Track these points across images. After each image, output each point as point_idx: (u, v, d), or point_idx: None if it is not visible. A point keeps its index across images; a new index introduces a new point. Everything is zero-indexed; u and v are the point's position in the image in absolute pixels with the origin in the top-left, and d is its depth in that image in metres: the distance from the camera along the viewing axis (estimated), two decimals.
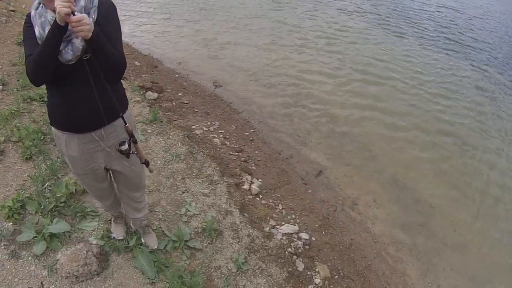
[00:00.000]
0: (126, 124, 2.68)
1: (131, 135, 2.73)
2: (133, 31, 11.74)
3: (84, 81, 2.47)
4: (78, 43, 2.33)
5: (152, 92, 7.39)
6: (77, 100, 2.54)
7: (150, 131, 5.97)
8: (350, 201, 6.06)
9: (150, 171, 3.08)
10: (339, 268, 4.69)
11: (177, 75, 8.92)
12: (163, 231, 4.26)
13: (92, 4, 2.38)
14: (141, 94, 7.12)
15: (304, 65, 10.22)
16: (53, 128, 2.78)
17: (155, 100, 7.18)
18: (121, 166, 3.04)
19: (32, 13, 2.34)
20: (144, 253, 3.87)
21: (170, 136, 5.93)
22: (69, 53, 2.32)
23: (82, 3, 2.33)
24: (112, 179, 3.37)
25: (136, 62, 8.90)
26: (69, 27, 2.19)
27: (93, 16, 2.38)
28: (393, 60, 11.24)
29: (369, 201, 6.14)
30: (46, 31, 2.24)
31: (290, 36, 12.14)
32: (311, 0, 16.06)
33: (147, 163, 2.92)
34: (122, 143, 2.71)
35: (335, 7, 15.37)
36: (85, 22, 2.18)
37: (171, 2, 15.10)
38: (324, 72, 9.96)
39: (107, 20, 2.44)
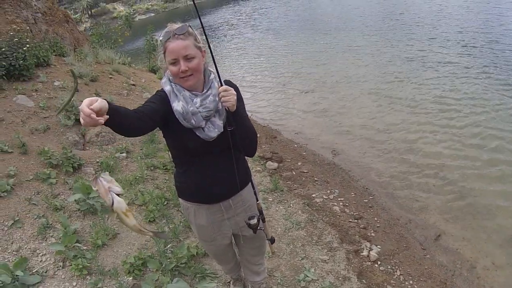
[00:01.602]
0: (258, 201, 2.96)
1: (261, 212, 2.95)
2: (251, 104, 12.33)
3: (221, 154, 2.72)
4: (219, 121, 2.61)
5: (272, 162, 7.70)
6: (213, 173, 2.76)
7: (271, 199, 6.23)
8: (468, 265, 5.87)
9: (272, 252, 3.32)
10: None
11: (295, 145, 9.24)
12: None
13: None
14: (261, 164, 7.46)
15: (420, 128, 10.10)
16: (180, 200, 3.05)
17: (275, 169, 7.48)
18: (249, 232, 3.07)
19: (168, 88, 2.56)
20: None
21: (291, 205, 6.15)
22: (213, 131, 2.58)
23: (216, 85, 2.63)
24: (234, 243, 3.55)
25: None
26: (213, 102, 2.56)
27: None
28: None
29: (488, 264, 5.89)
30: (190, 107, 2.49)
31: (401, 97, 12.11)
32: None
33: (272, 240, 3.12)
34: (252, 218, 2.85)
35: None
36: (232, 92, 2.49)
37: (285, 74, 15.73)
38: (442, 134, 9.79)
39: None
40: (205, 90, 2.60)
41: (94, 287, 4.24)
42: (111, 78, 11.39)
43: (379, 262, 5.44)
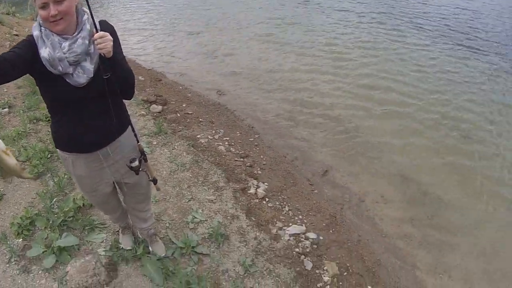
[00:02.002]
0: (138, 142, 2.83)
1: (142, 153, 2.84)
2: (135, 47, 11.87)
3: (95, 101, 2.52)
4: (89, 66, 2.38)
5: (156, 105, 7.46)
6: (88, 121, 2.58)
7: (155, 143, 6.04)
8: (356, 199, 6.08)
9: (157, 189, 3.16)
10: (348, 265, 4.70)
11: (180, 87, 9.01)
12: (170, 239, 4.30)
13: (96, 29, 2.39)
14: (145, 108, 7.20)
15: (305, 68, 10.26)
16: (58, 151, 2.81)
17: (159, 112, 7.26)
18: (131, 179, 3.06)
19: (36, 33, 2.32)
20: (152, 261, 3.91)
21: (175, 147, 6.00)
22: (82, 76, 2.36)
23: (87, 27, 2.38)
24: (119, 192, 3.42)
25: (140, 77, 8.99)
26: (86, 47, 2.34)
27: None
28: (393, 56, 11.24)
29: (376, 198, 6.15)
30: (57, 53, 2.27)
31: (291, 41, 12.18)
32: (314, 7, 16.08)
33: (155, 181, 3.02)
34: (133, 160, 2.78)
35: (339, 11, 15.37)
36: (108, 38, 2.27)
37: (169, 15, 15.26)
38: (327, 72, 9.99)
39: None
40: (76, 33, 2.36)
41: None
42: None
43: (267, 199, 5.46)
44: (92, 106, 2.54)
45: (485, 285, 5.06)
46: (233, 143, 6.70)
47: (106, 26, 2.47)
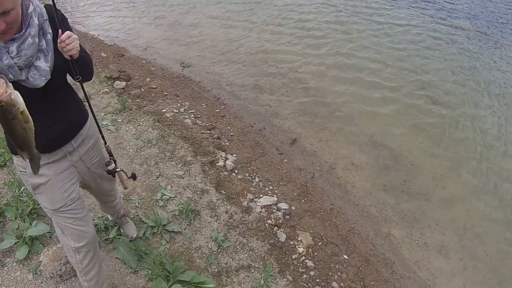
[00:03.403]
0: (106, 144, 2.79)
1: (110, 154, 2.80)
2: (97, 23, 11.52)
3: (55, 96, 2.34)
4: (44, 65, 2.13)
5: (120, 81, 7.26)
6: (49, 118, 2.36)
7: (120, 120, 5.88)
8: (327, 166, 6.03)
9: (125, 187, 3.07)
10: (322, 234, 4.66)
11: (144, 61, 8.77)
12: (140, 219, 4.21)
13: (44, 18, 2.14)
14: (109, 85, 7.00)
15: (269, 37, 10.10)
16: (15, 158, 2.49)
17: (123, 89, 7.06)
18: (100, 176, 2.95)
19: None
20: (124, 243, 3.83)
21: (141, 123, 5.85)
22: (39, 78, 2.11)
23: (36, 21, 2.07)
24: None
25: (102, 54, 8.73)
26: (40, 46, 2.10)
27: (49, 31, 2.16)
28: (360, 21, 11.15)
29: (347, 165, 6.11)
30: (5, 60, 1.96)
31: (254, 12, 11.97)
32: None
33: (134, 177, 3.04)
34: (109, 163, 2.75)
35: None
36: (74, 37, 2.10)
37: None
38: (291, 42, 9.85)
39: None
40: (23, 30, 2.03)
41: None
42: None
43: (236, 171, 5.37)
44: (51, 102, 2.34)
45: (460, 249, 5.10)
46: (199, 116, 6.55)
47: (53, 12, 2.18)
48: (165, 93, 7.11)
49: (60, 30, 2.08)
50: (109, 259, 3.78)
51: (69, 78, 2.39)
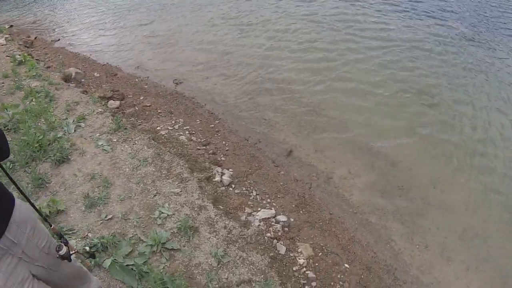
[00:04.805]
0: (51, 225, 2.49)
1: (61, 235, 2.48)
2: (89, 43, 11.56)
3: None
4: None
5: (113, 100, 7.27)
6: None
7: (115, 140, 5.87)
8: (324, 176, 6.03)
9: (87, 266, 2.90)
10: (322, 244, 4.66)
11: (137, 79, 8.80)
12: (139, 238, 4.19)
13: None
14: (102, 105, 6.99)
15: (261, 50, 10.13)
16: None
17: (117, 108, 7.07)
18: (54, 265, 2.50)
19: None
20: (121, 265, 3.81)
21: (136, 142, 5.84)
22: None
23: None
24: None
25: (95, 73, 8.77)
26: None
27: None
28: (353, 32, 11.17)
29: (344, 173, 6.11)
30: None
31: (243, 22, 12.02)
32: None
33: (92, 255, 2.86)
34: (59, 248, 2.37)
35: None
36: None
37: (119, 7, 14.88)
38: (284, 55, 9.88)
39: None
40: None
41: None
42: None
43: (233, 186, 5.38)
44: None
45: (462, 250, 5.08)
46: (194, 132, 6.57)
47: None
48: (159, 111, 7.12)
49: None
50: (110, 279, 3.76)
51: None
